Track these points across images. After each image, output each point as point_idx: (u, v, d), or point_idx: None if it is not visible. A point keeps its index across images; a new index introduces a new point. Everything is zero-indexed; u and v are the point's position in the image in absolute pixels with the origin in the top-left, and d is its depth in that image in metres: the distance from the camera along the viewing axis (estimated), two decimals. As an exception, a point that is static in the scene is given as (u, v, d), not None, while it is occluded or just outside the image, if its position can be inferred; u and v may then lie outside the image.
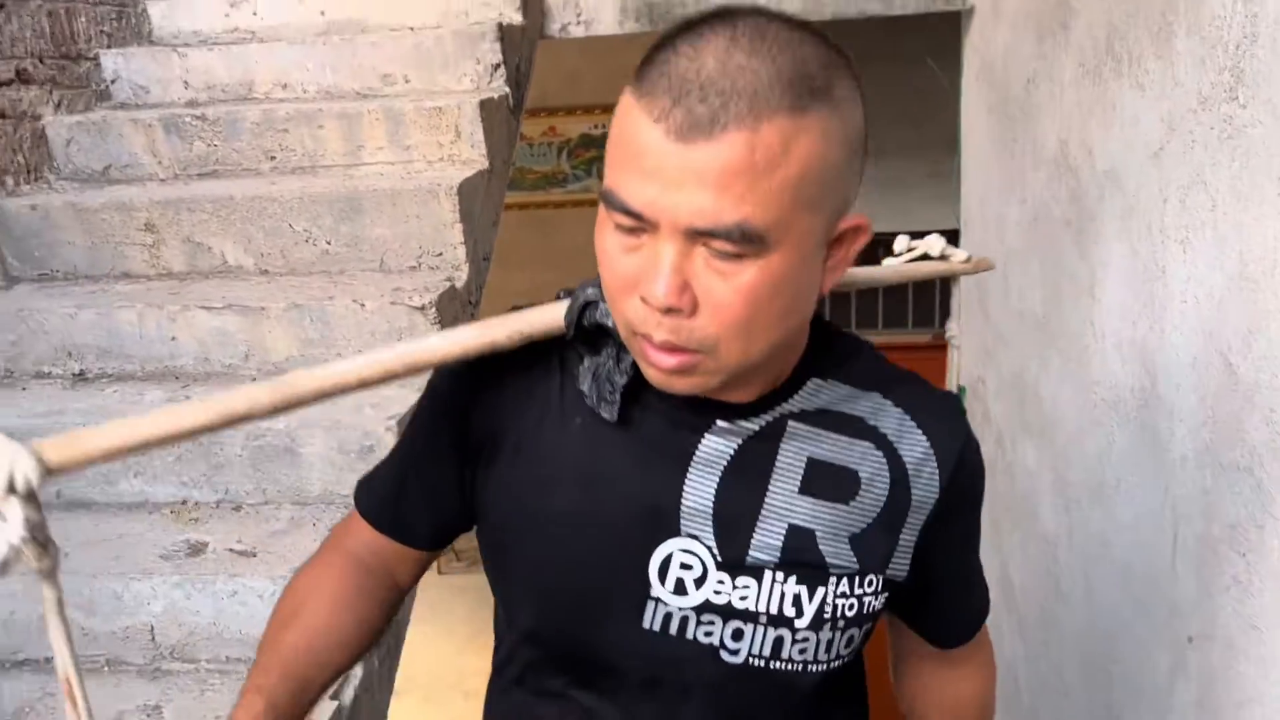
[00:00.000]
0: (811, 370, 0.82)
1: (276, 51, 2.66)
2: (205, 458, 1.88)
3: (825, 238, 0.71)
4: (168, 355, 2.10)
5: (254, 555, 1.72)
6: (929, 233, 1.43)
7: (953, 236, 3.27)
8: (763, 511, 0.81)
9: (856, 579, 0.82)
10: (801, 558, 0.81)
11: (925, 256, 1.42)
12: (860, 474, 0.82)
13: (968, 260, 1.45)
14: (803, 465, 0.81)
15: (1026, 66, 2.28)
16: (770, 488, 0.81)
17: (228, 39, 2.81)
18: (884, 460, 0.82)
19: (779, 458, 0.81)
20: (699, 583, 0.81)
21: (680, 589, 0.81)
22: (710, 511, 0.81)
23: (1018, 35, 2.37)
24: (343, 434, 1.85)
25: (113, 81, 2.64)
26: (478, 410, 0.87)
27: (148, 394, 2.03)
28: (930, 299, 4.64)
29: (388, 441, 1.83)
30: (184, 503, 1.90)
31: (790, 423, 0.81)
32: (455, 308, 2.16)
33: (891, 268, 1.39)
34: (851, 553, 0.82)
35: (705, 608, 0.81)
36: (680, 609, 0.81)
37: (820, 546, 0.81)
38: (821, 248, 0.72)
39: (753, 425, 0.81)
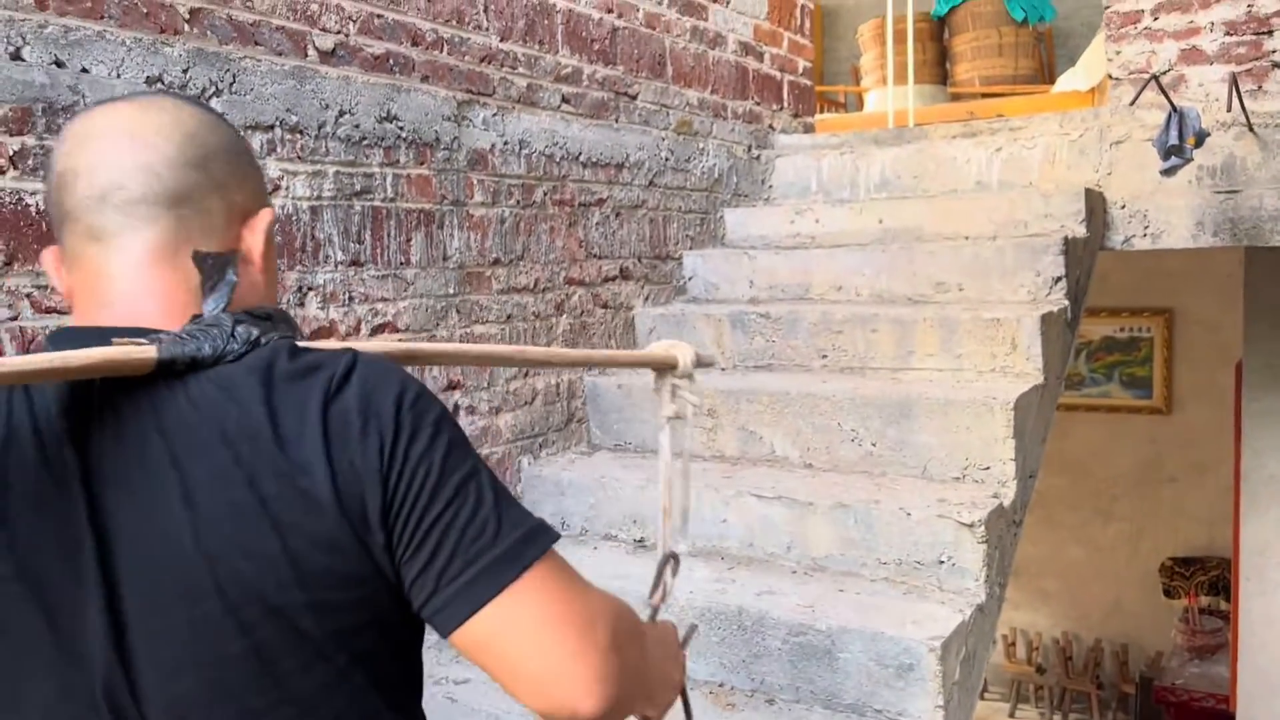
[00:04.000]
0: None
1: (835, 256, 2.83)
2: (746, 644, 1.95)
3: None
4: (717, 535, 2.24)
5: (788, 756, 1.72)
6: None
7: None
8: None
9: None
10: None
11: None
12: None
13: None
14: None
15: None
16: None
17: (790, 243, 3.06)
18: None
19: None
20: None
21: None
22: None
23: None
24: (883, 646, 1.82)
25: (690, 278, 2.98)
26: None
27: (696, 570, 2.17)
28: None
29: (929, 662, 1.77)
30: (721, 685, 1.97)
31: None
32: (1001, 527, 2.07)
33: None
34: None
35: None
36: None
37: None
38: None
39: None
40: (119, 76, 1.61)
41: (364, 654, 0.76)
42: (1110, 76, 2.98)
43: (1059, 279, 2.50)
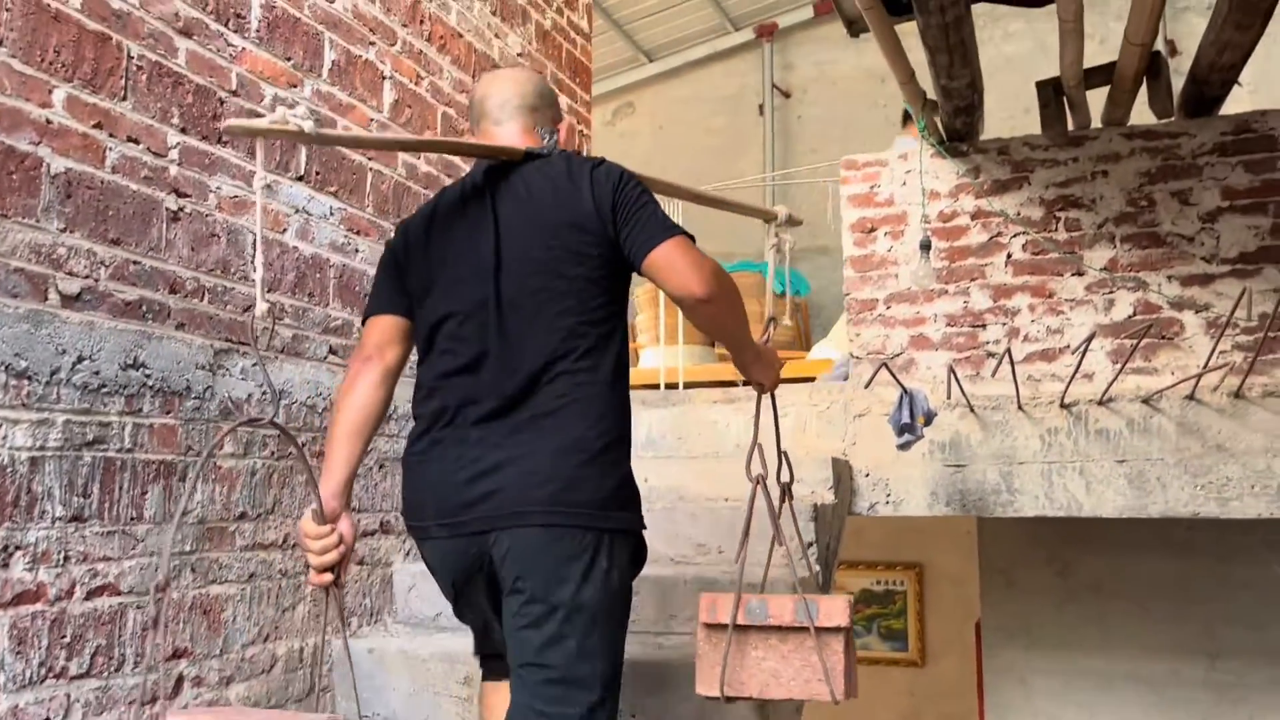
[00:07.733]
0: None
1: (601, 515, 2.85)
2: None
3: None
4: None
5: None
6: None
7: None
8: None
9: None
10: None
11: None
12: None
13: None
14: None
15: None
16: None
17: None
18: None
19: None
20: None
21: None
22: None
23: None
24: None
25: (455, 533, 2.90)
26: None
27: None
28: None
29: None
30: None
31: None
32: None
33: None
34: None
35: None
36: None
37: None
38: None
39: None
40: None
41: (595, 270, 1.73)
42: (852, 355, 3.26)
43: (811, 544, 2.61)
